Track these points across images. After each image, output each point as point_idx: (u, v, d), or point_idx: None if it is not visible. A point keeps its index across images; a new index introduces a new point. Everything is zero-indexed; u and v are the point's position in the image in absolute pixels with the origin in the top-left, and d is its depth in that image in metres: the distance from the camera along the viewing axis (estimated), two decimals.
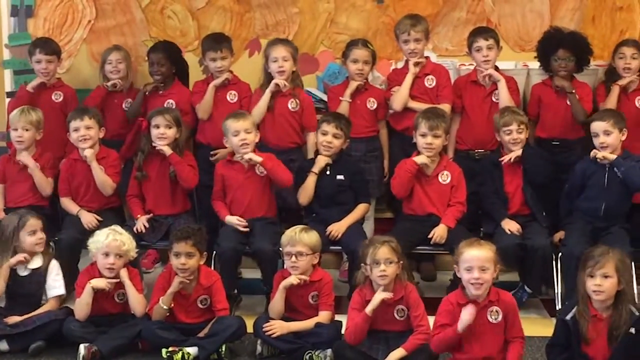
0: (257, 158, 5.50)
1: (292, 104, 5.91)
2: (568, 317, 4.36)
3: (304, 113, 5.94)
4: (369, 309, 4.61)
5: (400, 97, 5.90)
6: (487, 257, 4.39)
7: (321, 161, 5.59)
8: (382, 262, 4.61)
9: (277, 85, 5.83)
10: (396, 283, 4.68)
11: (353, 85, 5.90)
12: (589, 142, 5.52)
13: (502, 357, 4.43)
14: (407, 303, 4.69)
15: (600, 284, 4.25)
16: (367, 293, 4.70)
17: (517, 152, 5.56)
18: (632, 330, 4.25)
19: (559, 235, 5.54)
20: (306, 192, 5.60)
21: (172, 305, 4.93)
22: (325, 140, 5.59)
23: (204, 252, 5.03)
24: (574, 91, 5.84)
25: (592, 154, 5.41)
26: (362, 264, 4.69)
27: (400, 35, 5.93)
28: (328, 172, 5.63)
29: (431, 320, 4.63)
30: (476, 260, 4.36)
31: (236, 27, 6.49)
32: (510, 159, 5.57)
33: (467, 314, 4.35)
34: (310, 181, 5.58)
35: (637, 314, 4.29)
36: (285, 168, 5.58)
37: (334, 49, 6.43)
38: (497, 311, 4.43)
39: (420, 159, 5.49)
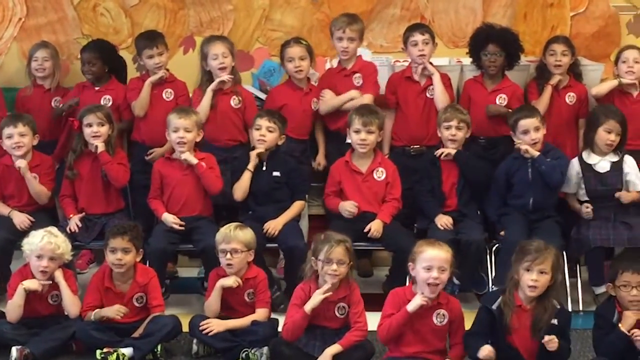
0: (193, 160, 5.47)
1: (234, 101, 5.89)
2: (493, 306, 4.41)
3: (246, 110, 5.92)
4: (308, 307, 4.60)
5: (329, 106, 5.92)
6: (447, 258, 4.42)
7: (253, 156, 5.57)
8: (336, 262, 4.62)
9: (221, 82, 5.80)
10: (342, 282, 4.69)
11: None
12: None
13: (440, 357, 4.46)
14: (349, 301, 4.70)
15: (537, 279, 4.31)
16: (311, 287, 4.68)
17: (451, 150, 5.60)
18: (555, 321, 4.32)
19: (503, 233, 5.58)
20: (241, 188, 5.58)
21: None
22: (259, 134, 5.58)
23: (140, 249, 5.00)
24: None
25: (522, 148, 5.46)
26: (313, 258, 4.67)
27: (335, 32, 5.94)
28: (264, 169, 5.62)
29: (368, 316, 4.66)
30: (437, 260, 4.38)
31: (170, 24, 6.45)
32: (443, 153, 5.61)
33: (419, 297, 4.36)
34: (245, 178, 5.57)
35: (558, 306, 4.37)
36: (217, 176, 5.56)
37: (269, 46, 6.42)
38: (443, 314, 4.46)
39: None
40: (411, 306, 4.37)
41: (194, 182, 5.55)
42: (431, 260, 4.37)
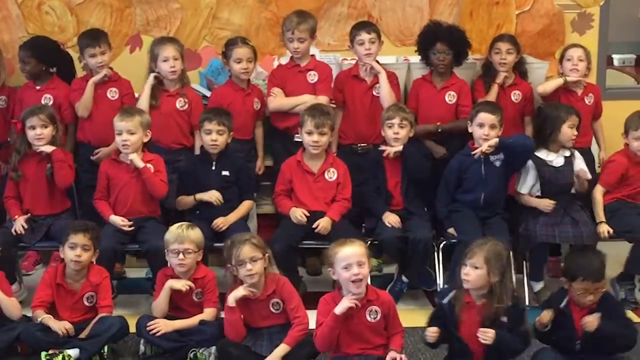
0: (139, 163, 5.43)
1: (180, 103, 5.85)
2: (445, 300, 4.44)
3: (192, 112, 5.88)
4: (230, 299, 4.63)
5: (280, 105, 5.91)
6: (362, 252, 4.40)
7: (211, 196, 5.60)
8: (248, 261, 4.61)
9: (156, 78, 5.79)
10: (267, 277, 4.69)
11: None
12: (465, 137, 5.66)
13: (381, 351, 4.46)
14: (280, 296, 4.70)
15: (468, 273, 4.35)
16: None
17: (398, 147, 5.63)
18: (504, 319, 4.35)
19: (451, 230, 5.61)
20: (183, 206, 5.61)
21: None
22: (210, 139, 5.56)
23: (97, 250, 4.97)
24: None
25: (482, 149, 5.48)
26: (228, 265, 4.68)
27: (285, 33, 5.94)
28: (213, 168, 5.60)
29: (312, 314, 4.64)
30: (353, 256, 4.35)
31: (116, 22, 6.39)
32: (389, 153, 5.63)
33: (347, 300, 4.35)
34: (190, 202, 5.60)
35: (509, 303, 4.39)
36: (162, 180, 5.51)
37: (216, 45, 6.38)
38: (376, 310, 4.44)
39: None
40: (339, 309, 4.33)
41: (141, 183, 5.50)
42: (347, 258, 4.35)
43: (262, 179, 6.05)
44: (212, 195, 5.55)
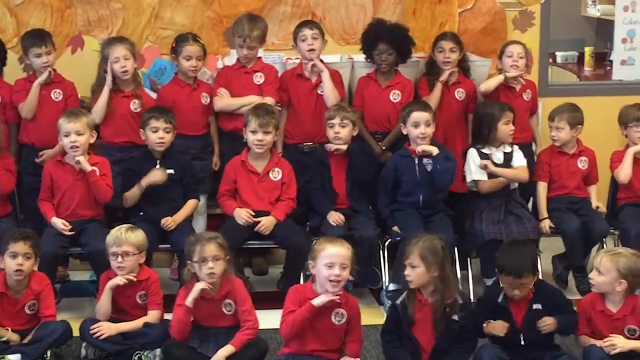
0: (87, 167, 5.38)
1: (134, 105, 5.80)
2: (398, 301, 4.47)
3: None
4: (189, 300, 4.59)
5: (225, 105, 5.88)
6: (348, 255, 4.43)
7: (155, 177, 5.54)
8: (210, 259, 4.59)
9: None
10: (223, 278, 4.67)
11: None
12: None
13: (335, 354, 4.48)
14: (234, 297, 4.69)
15: (408, 274, 4.40)
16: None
17: (342, 147, 5.63)
18: (456, 317, 4.40)
19: (396, 228, 5.63)
20: (131, 201, 5.56)
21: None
22: (157, 137, 5.52)
23: (38, 258, 4.89)
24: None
25: (419, 149, 5.52)
26: (189, 262, 4.66)
27: (236, 38, 5.91)
28: (157, 166, 5.57)
29: (263, 314, 4.67)
30: (338, 257, 4.38)
31: (57, 23, 6.30)
32: (337, 148, 5.64)
33: (325, 296, 4.37)
34: (137, 193, 5.54)
35: (460, 301, 4.43)
36: (107, 185, 5.46)
37: (159, 45, 6.33)
38: (342, 314, 4.47)
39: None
40: (317, 301, 4.36)
41: (85, 186, 5.44)
42: (333, 257, 4.38)
43: (214, 179, 6.01)
44: (156, 175, 5.50)
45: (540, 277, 4.94)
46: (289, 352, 4.50)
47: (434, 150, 5.52)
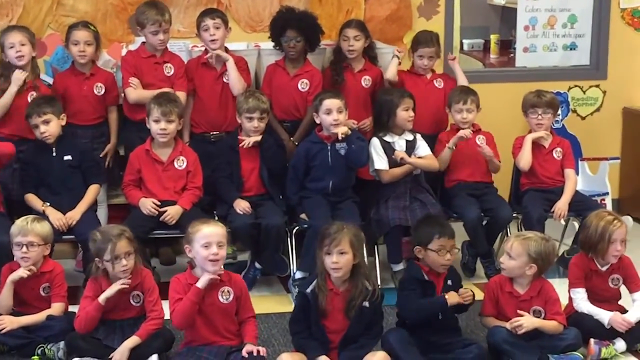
0: None
1: (31, 97, 5.65)
2: (308, 290, 4.46)
3: None
4: (102, 297, 4.55)
5: (139, 97, 5.78)
6: (223, 233, 4.46)
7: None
8: (124, 256, 4.56)
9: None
10: (132, 270, 4.63)
11: None
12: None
13: (234, 340, 4.48)
14: (142, 288, 4.66)
15: (337, 260, 4.38)
16: (102, 283, 4.63)
17: (256, 137, 5.62)
18: (366, 304, 4.42)
19: (303, 216, 5.64)
20: (32, 206, 5.46)
21: None
22: (39, 132, 5.44)
23: None
24: None
25: (334, 131, 5.51)
26: (98, 259, 4.59)
27: (147, 26, 5.80)
28: (54, 154, 5.49)
29: (166, 304, 4.60)
30: (215, 235, 4.40)
31: None
32: (248, 143, 5.61)
33: (206, 274, 4.39)
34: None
35: (370, 288, 4.45)
36: None
37: (62, 32, 6.18)
38: (228, 291, 4.48)
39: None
40: (201, 282, 4.38)
41: None
42: (209, 237, 4.39)
43: (117, 169, 5.94)
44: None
45: None
46: (189, 346, 4.49)
47: (347, 131, 5.50)
